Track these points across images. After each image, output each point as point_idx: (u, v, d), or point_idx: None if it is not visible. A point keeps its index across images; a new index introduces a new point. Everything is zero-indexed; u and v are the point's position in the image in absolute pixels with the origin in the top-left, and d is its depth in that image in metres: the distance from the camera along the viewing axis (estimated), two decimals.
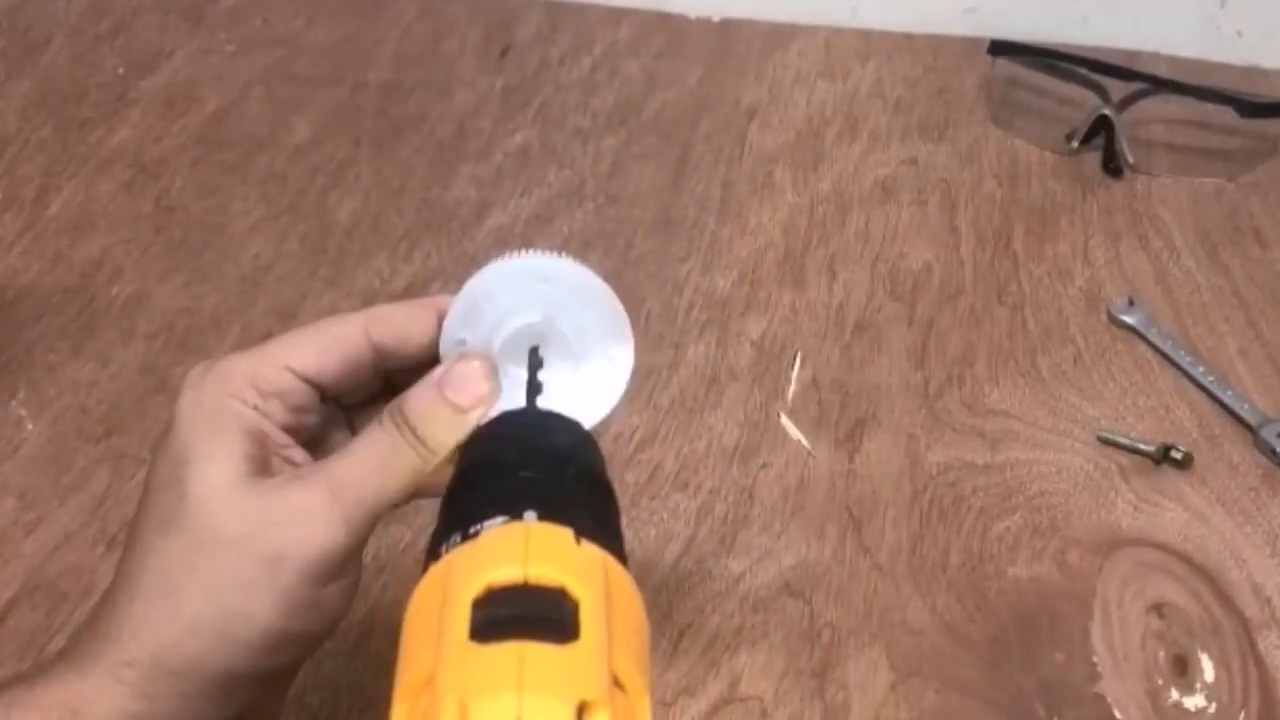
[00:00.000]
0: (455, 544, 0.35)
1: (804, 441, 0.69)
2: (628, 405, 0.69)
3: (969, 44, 0.97)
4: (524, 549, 0.33)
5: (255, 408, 0.43)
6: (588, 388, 0.47)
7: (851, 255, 0.80)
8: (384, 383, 0.47)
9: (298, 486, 0.42)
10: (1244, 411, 0.69)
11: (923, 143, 0.90)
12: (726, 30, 1.01)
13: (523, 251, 0.45)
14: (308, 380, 0.44)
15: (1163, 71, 0.89)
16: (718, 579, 0.62)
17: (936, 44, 0.99)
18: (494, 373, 0.43)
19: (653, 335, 0.74)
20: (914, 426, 0.70)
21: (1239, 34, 0.95)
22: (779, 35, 1.00)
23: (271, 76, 0.95)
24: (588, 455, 0.42)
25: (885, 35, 0.99)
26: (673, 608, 0.61)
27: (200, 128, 0.90)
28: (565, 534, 0.34)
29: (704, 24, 1.01)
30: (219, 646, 0.40)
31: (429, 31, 1.00)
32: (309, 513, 0.41)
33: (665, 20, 1.01)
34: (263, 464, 0.43)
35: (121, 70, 0.95)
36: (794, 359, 0.73)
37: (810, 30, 1.00)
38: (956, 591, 0.62)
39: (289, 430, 0.44)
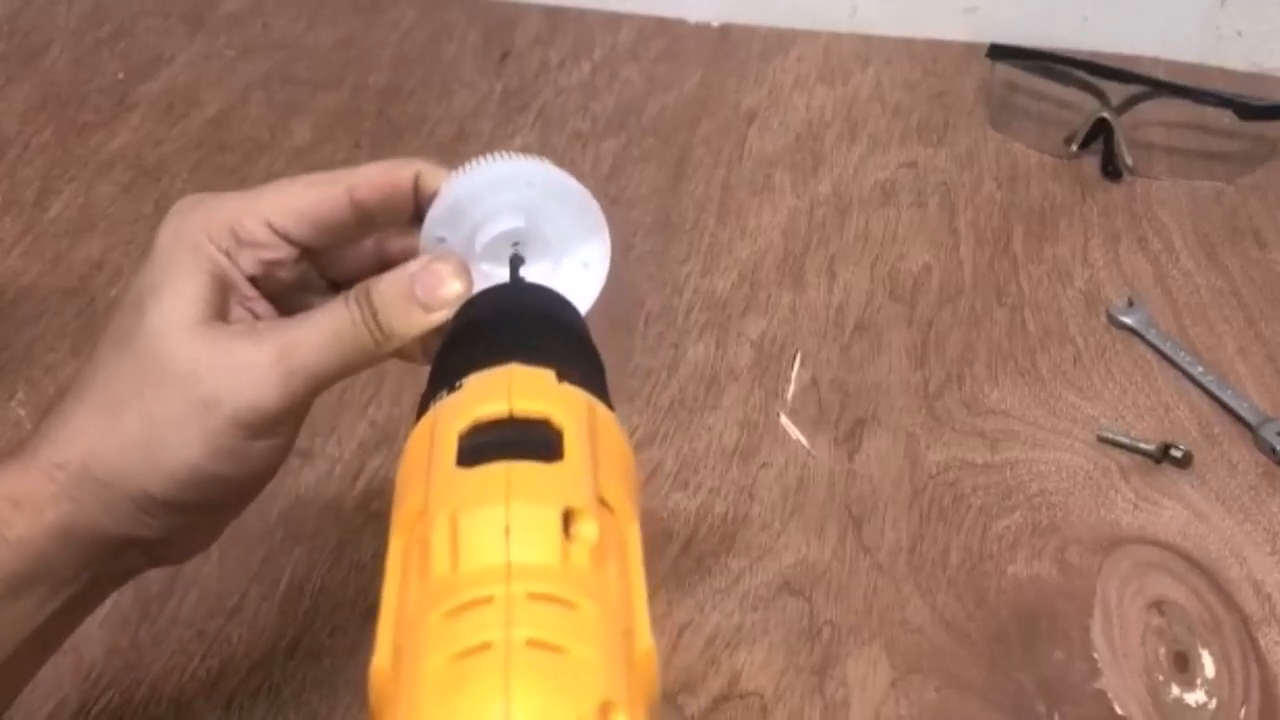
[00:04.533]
0: (442, 397, 0.36)
1: (804, 441, 0.69)
2: (628, 405, 0.70)
3: (968, 48, 0.97)
4: (508, 387, 0.34)
5: (228, 254, 0.44)
6: (565, 289, 0.47)
7: (851, 257, 0.80)
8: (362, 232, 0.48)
9: (248, 341, 0.43)
10: (1243, 411, 0.69)
11: (922, 146, 0.90)
12: (726, 35, 1.01)
13: (503, 154, 0.46)
14: (285, 237, 0.45)
15: (1161, 74, 0.90)
16: (718, 577, 0.62)
17: (936, 48, 0.99)
18: (466, 275, 0.45)
19: (652, 336, 0.75)
20: (914, 426, 0.70)
21: (1239, 34, 0.96)
22: (778, 39, 1.00)
23: (271, 80, 0.95)
24: (571, 318, 0.43)
25: (884, 39, 1.00)
26: (673, 606, 0.61)
27: (200, 131, 0.90)
28: (548, 374, 0.35)
29: (703, 28, 1.02)
30: (142, 468, 0.42)
31: (429, 34, 1.00)
32: (251, 367, 0.42)
33: (665, 25, 1.01)
34: (221, 309, 0.44)
35: (122, 74, 0.95)
36: (794, 359, 0.73)
37: (810, 34, 1.00)
38: (956, 590, 0.62)
39: (258, 279, 0.45)
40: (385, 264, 0.47)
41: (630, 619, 0.30)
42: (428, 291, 0.44)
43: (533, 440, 0.32)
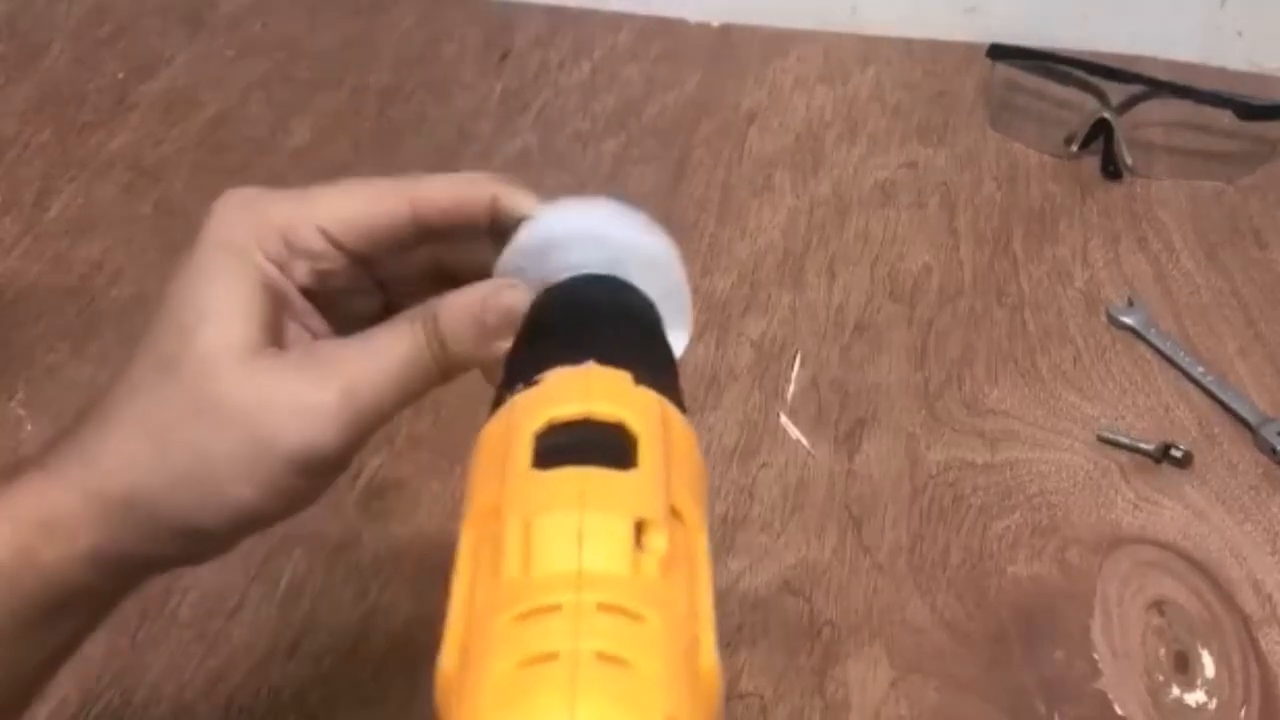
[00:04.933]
0: (519, 390, 0.35)
1: (804, 441, 0.69)
2: None
3: (968, 48, 0.97)
4: (585, 388, 0.34)
5: (280, 264, 0.41)
6: None
7: (851, 257, 0.80)
8: (420, 244, 0.44)
9: (309, 376, 0.40)
10: (1243, 411, 0.69)
11: (922, 146, 0.90)
12: (726, 35, 1.01)
13: (608, 201, 0.43)
14: (339, 246, 0.42)
15: (1161, 74, 0.89)
16: (718, 577, 0.61)
17: (935, 48, 0.99)
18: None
19: None
20: (914, 426, 0.70)
21: (1239, 34, 0.95)
22: (778, 40, 1.00)
23: (271, 80, 0.95)
24: (650, 317, 0.42)
25: (884, 40, 1.00)
26: None
27: (200, 131, 0.90)
28: (624, 376, 0.35)
29: (703, 29, 1.02)
30: (192, 505, 0.40)
31: (428, 35, 1.00)
32: (313, 409, 0.39)
33: (665, 25, 1.01)
34: (275, 329, 0.41)
35: (121, 74, 0.95)
36: (794, 359, 0.73)
37: (810, 35, 1.00)
38: (956, 590, 0.62)
39: (310, 292, 0.42)
40: (441, 272, 0.44)
41: (695, 633, 0.30)
42: (497, 316, 0.41)
43: (608, 445, 0.32)
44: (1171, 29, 0.96)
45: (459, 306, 0.41)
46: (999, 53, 0.92)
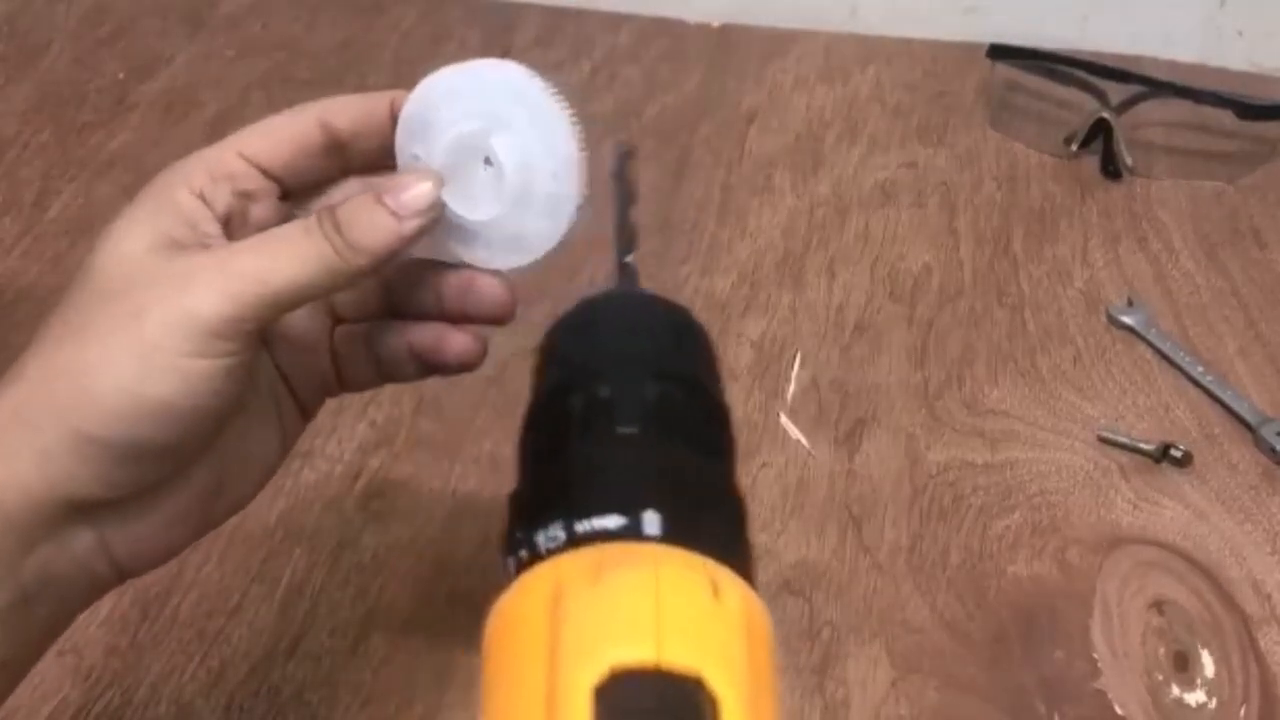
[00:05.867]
0: (558, 544, 0.30)
1: (804, 441, 0.69)
2: None
3: (968, 48, 0.97)
4: (655, 614, 0.27)
5: (202, 195, 0.42)
6: (535, 215, 0.45)
7: (851, 257, 0.80)
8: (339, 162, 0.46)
9: (189, 253, 0.41)
10: (1243, 411, 0.69)
11: (922, 146, 0.90)
12: (726, 35, 1.01)
13: (484, 59, 0.44)
14: (259, 166, 0.44)
15: (1161, 74, 0.89)
16: None
17: (935, 48, 0.99)
18: (438, 180, 0.43)
19: None
20: (914, 426, 0.70)
21: (1239, 34, 0.95)
22: (778, 40, 1.00)
23: (271, 80, 0.95)
24: (702, 368, 0.37)
25: (884, 40, 1.00)
26: None
27: (200, 131, 0.90)
28: (701, 584, 0.28)
29: (703, 29, 1.01)
30: (71, 401, 0.39)
31: (428, 35, 1.00)
32: (187, 274, 0.40)
33: (665, 25, 1.01)
34: (181, 245, 0.41)
35: (121, 75, 0.95)
36: (794, 359, 0.73)
37: (809, 35, 1.00)
38: (956, 590, 0.62)
39: (233, 216, 0.43)
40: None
41: None
42: (395, 196, 0.42)
43: (679, 708, 0.26)
44: (1171, 29, 0.96)
45: (354, 193, 0.43)
46: (999, 53, 0.92)
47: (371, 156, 0.46)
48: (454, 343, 0.47)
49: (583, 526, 0.30)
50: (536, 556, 0.30)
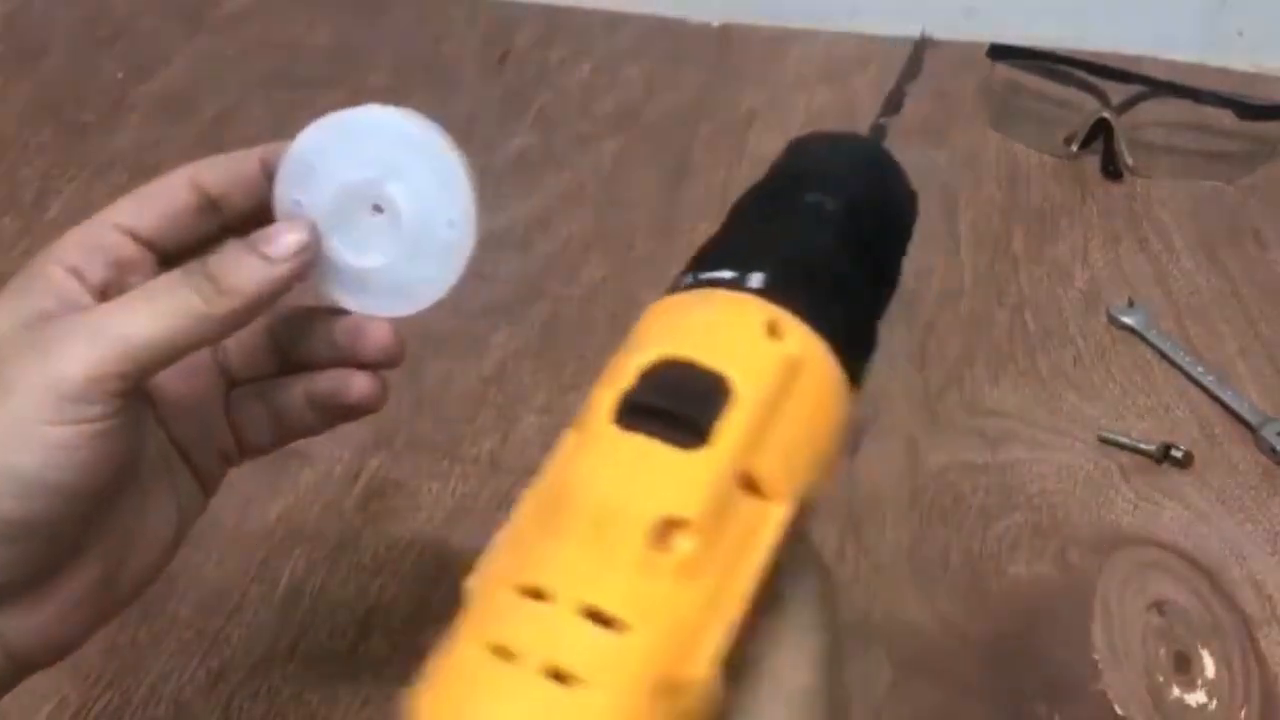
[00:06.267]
0: (686, 285, 0.34)
1: None
2: None
3: (968, 48, 0.97)
4: (707, 328, 0.32)
5: (74, 269, 0.42)
6: (430, 253, 0.45)
7: None
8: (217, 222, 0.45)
9: (55, 320, 0.39)
10: (1244, 411, 0.69)
11: (922, 147, 0.90)
12: (726, 36, 1.01)
13: (365, 106, 0.44)
14: (132, 234, 0.43)
15: (1161, 74, 0.89)
16: None
17: (935, 49, 0.98)
18: (309, 227, 0.43)
19: None
20: (914, 427, 0.70)
21: (1239, 34, 0.96)
22: (778, 40, 1.00)
23: (271, 80, 0.95)
24: (899, 234, 0.40)
25: (884, 40, 0.99)
26: None
27: (200, 131, 0.90)
28: (759, 321, 0.32)
29: (704, 29, 1.02)
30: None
31: (428, 35, 1.00)
32: (49, 340, 0.38)
33: (665, 26, 1.01)
34: (52, 317, 0.40)
35: (121, 75, 0.95)
36: None
37: (810, 35, 1.00)
38: (957, 591, 0.62)
39: (109, 287, 0.42)
40: None
41: (694, 643, 0.28)
42: (267, 242, 0.42)
43: (694, 406, 0.30)
44: (1171, 29, 0.96)
45: (228, 245, 0.42)
46: (999, 53, 0.92)
47: (246, 214, 0.45)
48: (355, 385, 0.47)
49: (705, 275, 0.34)
50: (672, 290, 0.35)
